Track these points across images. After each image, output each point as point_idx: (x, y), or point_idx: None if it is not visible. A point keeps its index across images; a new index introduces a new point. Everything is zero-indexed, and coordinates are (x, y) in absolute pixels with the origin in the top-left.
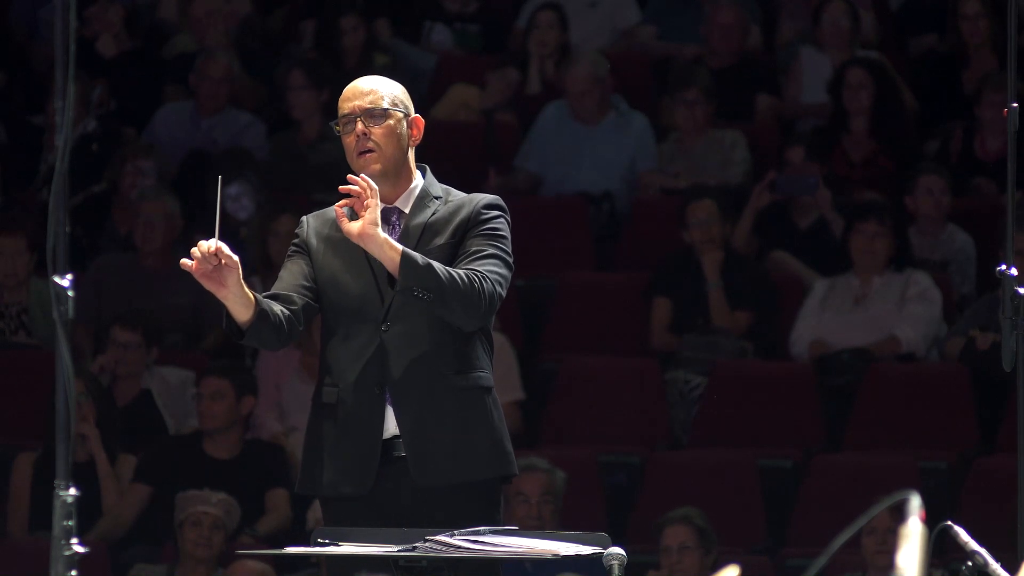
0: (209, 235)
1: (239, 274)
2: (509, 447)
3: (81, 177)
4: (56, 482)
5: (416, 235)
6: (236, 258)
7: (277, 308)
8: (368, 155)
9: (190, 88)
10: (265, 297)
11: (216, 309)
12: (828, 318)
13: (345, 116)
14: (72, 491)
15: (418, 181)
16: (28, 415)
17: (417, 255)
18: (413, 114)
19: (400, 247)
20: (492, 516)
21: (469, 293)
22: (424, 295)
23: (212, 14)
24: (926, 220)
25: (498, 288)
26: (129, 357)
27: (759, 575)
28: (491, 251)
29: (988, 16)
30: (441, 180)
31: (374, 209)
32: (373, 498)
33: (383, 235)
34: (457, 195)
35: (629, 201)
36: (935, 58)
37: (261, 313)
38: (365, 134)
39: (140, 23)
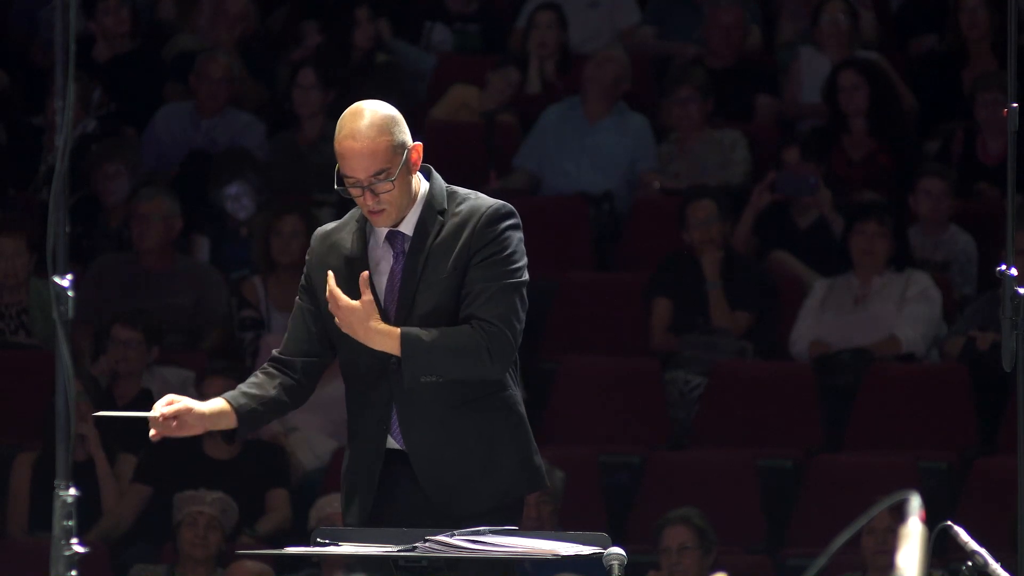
0: (209, 236)
1: (196, 410)
2: (538, 460)
3: (81, 177)
4: (56, 482)
5: (420, 264)
6: (181, 404)
7: (271, 390)
8: (379, 215)
9: (190, 88)
10: (270, 362)
11: (216, 309)
12: (828, 318)
13: (349, 180)
14: (72, 491)
15: (422, 194)
16: (28, 415)
17: (418, 338)
18: (411, 143)
19: (398, 336)
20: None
21: (479, 359)
22: (434, 379)
23: (213, 14)
24: (927, 221)
25: (509, 332)
26: (129, 357)
27: (759, 575)
28: (496, 288)
29: (987, 9)
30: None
31: (366, 310)
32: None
33: (378, 328)
34: (462, 204)
35: (629, 201)
36: (935, 58)
37: (242, 418)
38: (375, 198)
39: (140, 23)
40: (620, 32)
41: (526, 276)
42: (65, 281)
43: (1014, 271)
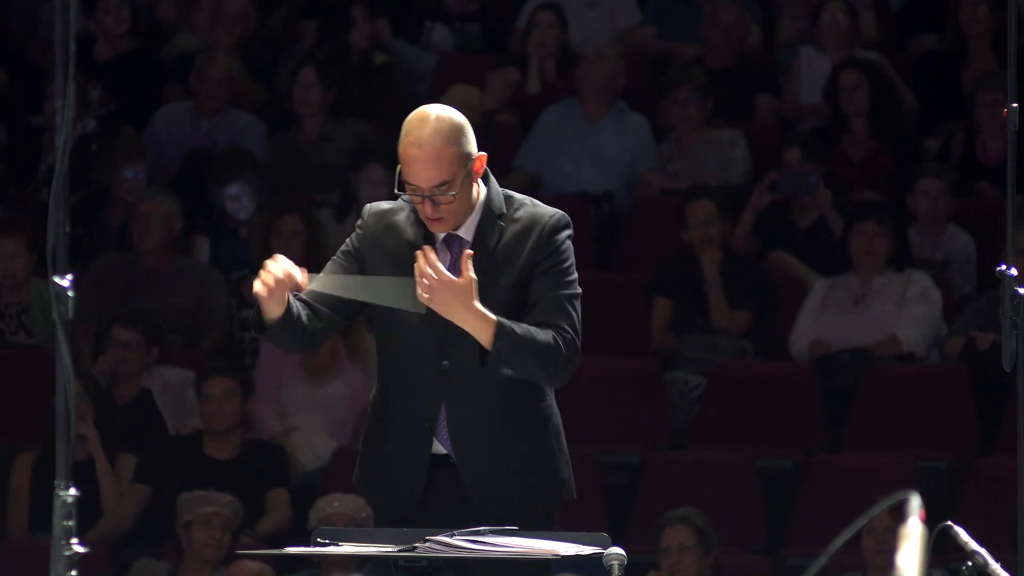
0: (209, 236)
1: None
2: (566, 473)
3: (81, 177)
4: (56, 482)
5: (481, 268)
6: (299, 278)
7: (305, 316)
8: (437, 222)
9: (190, 88)
10: (299, 299)
11: (217, 309)
12: (828, 318)
13: (411, 187)
14: (72, 491)
15: (481, 199)
16: (28, 415)
17: (512, 331)
18: (475, 153)
19: (493, 320)
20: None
21: (557, 362)
22: (511, 373)
23: (212, 14)
24: (927, 221)
25: (579, 340)
26: (129, 357)
27: (759, 575)
28: (564, 297)
29: (988, 6)
30: None
31: (468, 287)
32: (423, 511)
33: (475, 310)
34: (520, 210)
35: (629, 201)
36: (935, 58)
37: (288, 316)
38: (435, 208)
39: (140, 23)
40: (620, 32)
41: (580, 291)
42: (65, 281)
43: (1014, 271)
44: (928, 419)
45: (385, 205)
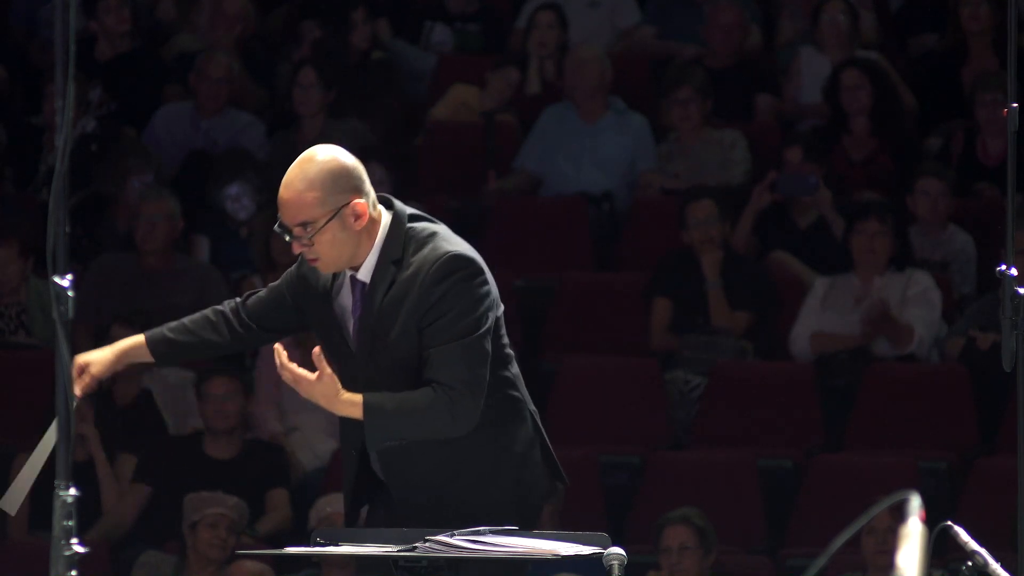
0: (209, 236)
1: (94, 361)
2: (533, 500)
3: (81, 177)
4: (56, 482)
5: (375, 319)
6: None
7: (211, 335)
8: (314, 262)
9: (190, 88)
10: (231, 311)
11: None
12: (828, 317)
13: (280, 226)
14: (72, 491)
15: (378, 241)
16: (28, 415)
17: (381, 407)
18: (350, 202)
19: (361, 405)
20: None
21: (442, 423)
22: (396, 443)
23: (212, 14)
24: (926, 221)
25: (471, 392)
26: None
27: (759, 575)
28: (451, 350)
29: (989, 4)
30: (441, 180)
31: (327, 384)
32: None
33: (341, 399)
34: (416, 254)
35: (629, 201)
36: (935, 57)
37: (159, 356)
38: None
39: (140, 23)
40: (620, 32)
41: (485, 324)
42: (65, 281)
43: (1014, 271)
44: (928, 419)
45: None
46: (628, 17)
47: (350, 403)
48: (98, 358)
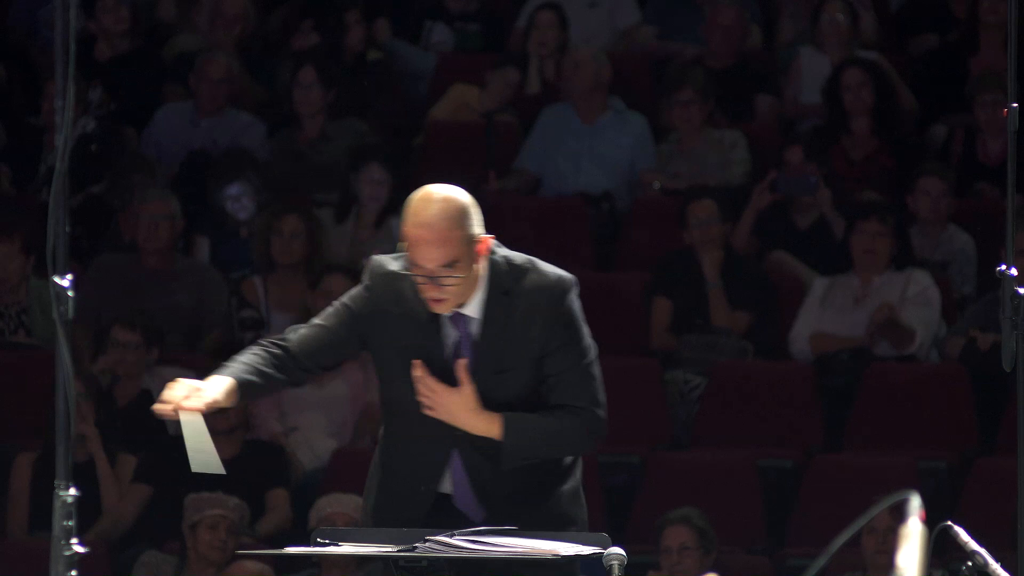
0: (209, 236)
1: (216, 392)
2: (578, 511)
3: (81, 177)
4: (56, 482)
5: (496, 353)
6: (204, 399)
7: (276, 374)
8: (440, 303)
9: (190, 88)
10: (279, 348)
11: (217, 309)
12: (828, 317)
13: (417, 268)
14: (72, 491)
15: (483, 274)
16: (28, 415)
17: (522, 427)
18: (479, 235)
19: (499, 421)
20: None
21: (578, 443)
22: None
23: (212, 14)
24: (926, 220)
25: (602, 412)
26: (129, 357)
27: (759, 575)
28: (579, 372)
29: None
30: (441, 180)
31: (467, 398)
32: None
33: (480, 415)
34: (525, 279)
35: (629, 201)
36: (935, 57)
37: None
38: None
39: (140, 23)
40: (620, 32)
41: (595, 346)
42: (65, 281)
43: (1014, 271)
44: (928, 419)
45: (392, 265)
46: (628, 17)
47: (487, 419)
48: (213, 387)
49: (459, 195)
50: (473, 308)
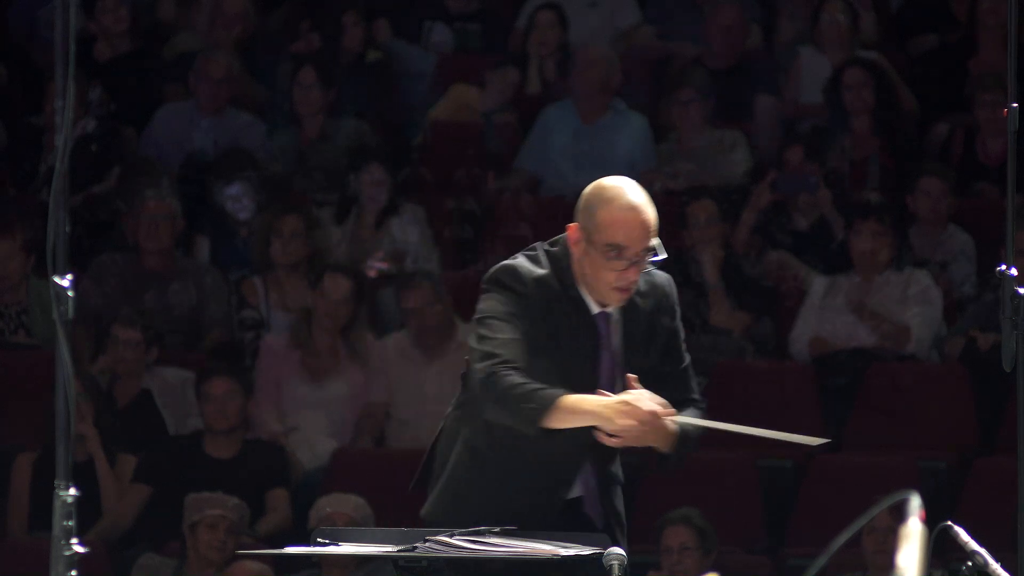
0: (209, 236)
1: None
2: None
3: (81, 177)
4: (56, 482)
5: (627, 349)
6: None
7: None
8: (624, 293)
9: (190, 88)
10: (512, 361)
11: (216, 309)
12: (828, 317)
13: (627, 251)
14: (72, 491)
15: None
16: (28, 415)
17: (686, 431)
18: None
19: (676, 433)
20: None
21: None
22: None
23: (212, 14)
24: (927, 220)
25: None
26: (129, 357)
27: (759, 575)
28: (688, 367)
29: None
30: (441, 180)
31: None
32: None
33: (670, 430)
34: (648, 276)
35: None
36: (936, 57)
37: None
38: (633, 279)
39: (140, 23)
40: (620, 32)
41: None
42: (65, 281)
43: (1014, 271)
44: (928, 419)
45: (536, 271)
46: (628, 17)
47: (671, 433)
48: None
49: (633, 182)
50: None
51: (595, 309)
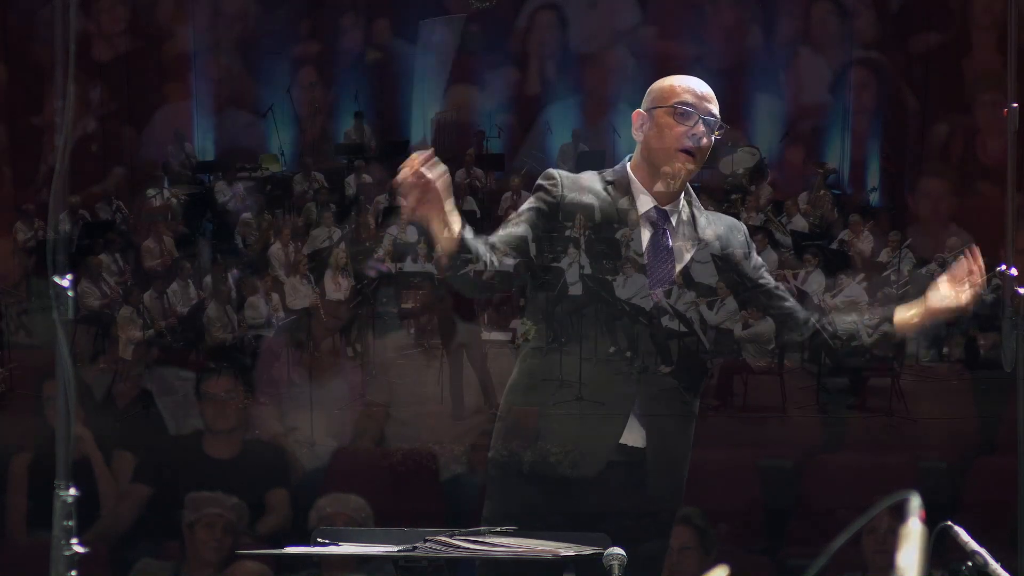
0: (208, 236)
1: (441, 188)
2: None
3: (81, 177)
4: (56, 482)
5: (707, 247)
6: (436, 172)
7: (484, 252)
8: (690, 157)
9: (190, 88)
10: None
11: (216, 309)
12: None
13: (690, 106)
14: (72, 491)
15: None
16: (27, 415)
17: None
18: None
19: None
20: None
21: None
22: None
23: (213, 14)
24: (927, 220)
25: None
26: (129, 355)
27: (759, 575)
28: (773, 285)
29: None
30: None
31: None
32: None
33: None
34: (718, 216)
35: None
36: (936, 56)
37: (464, 242)
38: (701, 138)
39: (140, 23)
40: (620, 32)
41: None
42: (65, 281)
43: (1014, 271)
44: (928, 419)
45: (568, 174)
46: (628, 17)
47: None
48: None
49: None
50: (673, 208)
51: (649, 204)
